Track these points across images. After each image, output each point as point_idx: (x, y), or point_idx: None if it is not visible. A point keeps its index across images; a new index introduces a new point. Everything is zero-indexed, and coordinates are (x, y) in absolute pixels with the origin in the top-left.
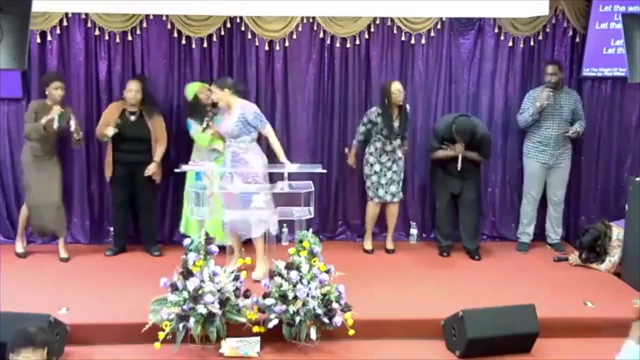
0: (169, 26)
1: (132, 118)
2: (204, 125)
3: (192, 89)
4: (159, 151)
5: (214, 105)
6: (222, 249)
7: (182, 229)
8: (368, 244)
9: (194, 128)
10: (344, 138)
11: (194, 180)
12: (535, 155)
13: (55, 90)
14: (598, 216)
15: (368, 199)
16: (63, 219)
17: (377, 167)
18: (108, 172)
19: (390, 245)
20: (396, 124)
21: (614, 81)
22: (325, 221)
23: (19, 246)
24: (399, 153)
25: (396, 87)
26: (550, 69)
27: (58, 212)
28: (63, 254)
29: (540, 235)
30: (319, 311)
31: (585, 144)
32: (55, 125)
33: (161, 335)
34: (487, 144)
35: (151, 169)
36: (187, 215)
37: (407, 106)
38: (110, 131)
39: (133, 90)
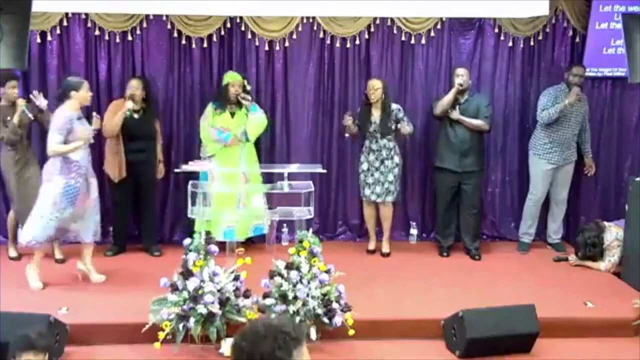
0: (169, 26)
1: (136, 116)
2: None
3: (227, 78)
4: (159, 149)
5: (238, 102)
6: (222, 248)
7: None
8: (370, 245)
9: (207, 112)
10: (343, 138)
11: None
12: (545, 155)
13: (13, 89)
14: (598, 216)
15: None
16: None
17: (364, 166)
18: (118, 173)
19: (385, 248)
20: (375, 121)
21: (614, 81)
22: (325, 221)
23: (12, 250)
24: (387, 153)
25: (371, 84)
26: (575, 70)
27: None
28: (58, 255)
29: (540, 235)
30: (319, 311)
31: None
32: (30, 115)
33: (161, 335)
34: (486, 106)
35: (162, 171)
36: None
37: (394, 105)
38: (130, 104)
39: (134, 87)
